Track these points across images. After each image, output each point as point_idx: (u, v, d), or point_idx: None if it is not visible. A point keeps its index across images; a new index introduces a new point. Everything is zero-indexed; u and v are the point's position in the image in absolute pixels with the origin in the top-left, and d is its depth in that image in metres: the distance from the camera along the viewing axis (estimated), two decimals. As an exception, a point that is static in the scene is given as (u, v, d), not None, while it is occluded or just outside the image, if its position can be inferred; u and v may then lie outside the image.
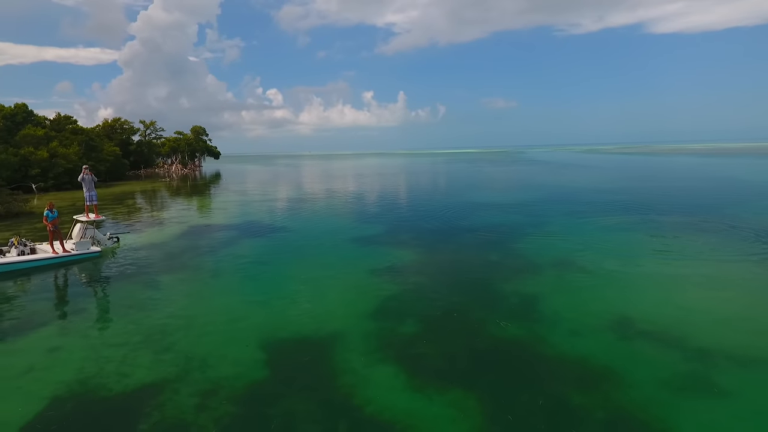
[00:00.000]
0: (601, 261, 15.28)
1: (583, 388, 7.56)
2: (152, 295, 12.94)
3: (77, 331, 10.64)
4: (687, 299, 11.72)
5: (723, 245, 17.11)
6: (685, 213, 24.43)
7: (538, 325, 10.15)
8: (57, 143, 51.35)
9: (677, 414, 6.83)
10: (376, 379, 8.12)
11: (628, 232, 19.92)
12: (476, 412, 7.01)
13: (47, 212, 15.71)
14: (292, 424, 6.94)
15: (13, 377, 8.52)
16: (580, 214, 24.96)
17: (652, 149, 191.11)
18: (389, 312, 11.33)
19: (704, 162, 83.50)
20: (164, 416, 7.16)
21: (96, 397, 7.77)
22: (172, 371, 8.56)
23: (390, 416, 7.01)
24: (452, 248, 17.99)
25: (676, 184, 43.11)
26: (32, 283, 14.39)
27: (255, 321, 10.99)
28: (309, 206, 32.20)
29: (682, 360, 8.36)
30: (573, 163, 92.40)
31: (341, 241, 19.82)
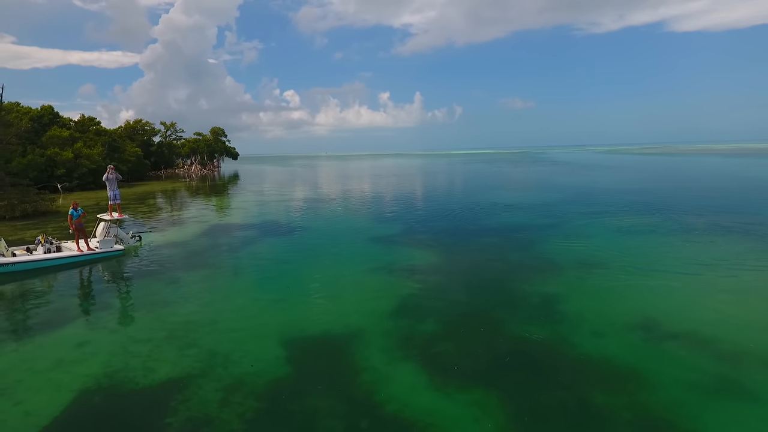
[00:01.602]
0: (623, 262, 15.00)
1: (607, 388, 7.44)
2: (175, 293, 13.16)
3: (104, 326, 10.89)
4: (714, 302, 11.41)
5: (752, 248, 16.64)
6: (710, 214, 23.79)
7: (560, 325, 10.02)
8: (81, 144, 52.62)
9: (705, 416, 6.67)
10: (397, 377, 8.12)
11: (652, 234, 19.51)
12: (498, 412, 6.95)
13: (72, 211, 16.11)
14: (315, 420, 6.98)
15: (43, 370, 8.76)
16: (603, 215, 24.52)
17: (675, 149, 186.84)
18: (408, 311, 11.32)
19: (730, 162, 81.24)
20: (189, 411, 7.27)
21: (123, 390, 7.94)
22: (197, 367, 8.69)
23: (411, 414, 7.00)
24: (471, 248, 17.88)
25: (701, 185, 42.08)
26: (59, 281, 14.77)
27: (276, 318, 11.09)
28: (326, 206, 32.37)
29: (710, 362, 8.16)
30: (594, 163, 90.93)
31: (360, 240, 19.87)
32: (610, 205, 28.67)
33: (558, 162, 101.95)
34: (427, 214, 26.70)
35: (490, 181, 55.87)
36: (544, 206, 28.93)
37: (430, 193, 41.52)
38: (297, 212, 29.39)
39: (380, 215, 27.20)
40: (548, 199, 32.66)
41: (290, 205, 33.48)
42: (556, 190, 40.23)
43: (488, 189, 44.23)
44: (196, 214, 29.61)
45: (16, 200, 27.49)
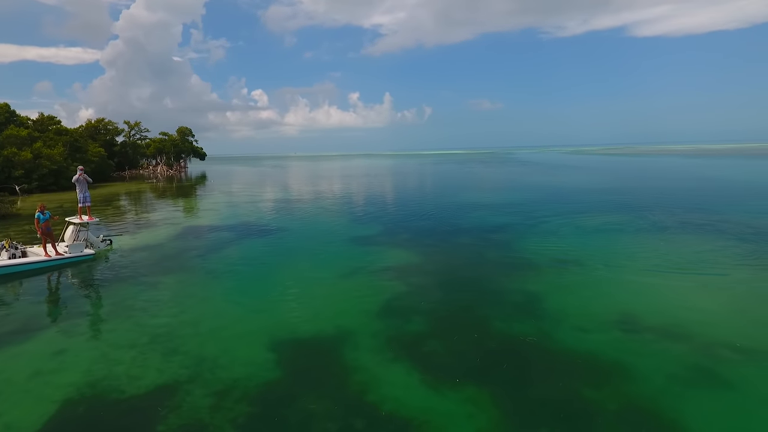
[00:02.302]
0: (597, 260, 15.58)
1: (593, 381, 7.75)
2: (153, 297, 12.81)
3: (80, 333, 10.51)
4: (685, 296, 12.02)
5: (718, 244, 17.56)
6: (676, 212, 24.95)
7: (543, 322, 10.34)
8: (41, 144, 50.30)
9: (686, 404, 7.05)
10: (389, 378, 8.20)
11: (622, 232, 20.31)
12: (491, 408, 7.14)
13: (38, 214, 15.44)
14: (310, 422, 6.98)
15: (20, 381, 8.39)
16: (575, 214, 25.34)
17: (638, 150, 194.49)
18: (394, 311, 11.42)
19: (689, 163, 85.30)
20: (180, 418, 7.13)
21: (109, 399, 7.70)
22: (184, 373, 8.52)
23: (407, 413, 7.09)
24: (450, 248, 18.15)
25: (664, 184, 44.03)
26: (27, 287, 14.14)
27: (259, 322, 10.98)
28: (300, 207, 32.12)
29: (687, 353, 8.63)
30: (562, 164, 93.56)
31: (338, 241, 19.84)
32: (581, 204, 29.65)
33: (527, 162, 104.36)
34: (404, 215, 26.89)
35: (462, 181, 56.69)
36: (517, 206, 29.62)
37: (406, 194, 41.80)
38: (271, 214, 29.04)
39: (357, 216, 27.21)
40: (521, 199, 33.45)
41: (263, 207, 33.03)
42: (527, 190, 41.23)
43: (462, 189, 44.90)
44: (166, 216, 28.81)
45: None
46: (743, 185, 40.68)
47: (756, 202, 28.86)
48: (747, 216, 23.08)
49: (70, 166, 52.32)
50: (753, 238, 18.10)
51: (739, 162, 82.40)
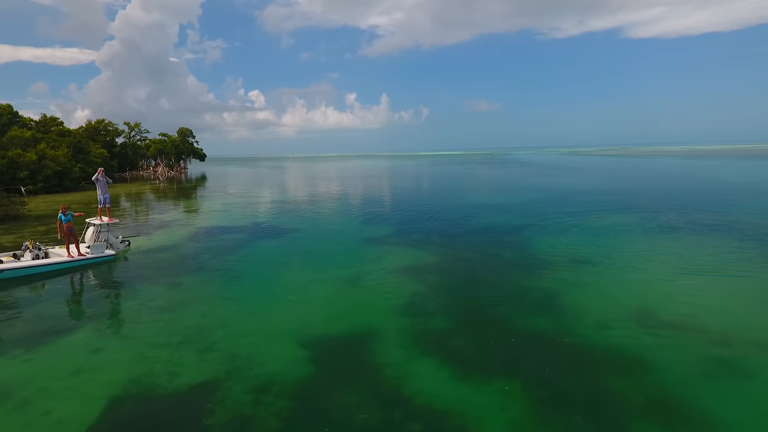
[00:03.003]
0: (610, 258, 15.99)
1: (617, 373, 8.15)
2: (179, 297, 13.15)
3: (114, 333, 10.83)
4: (700, 292, 12.41)
5: (728, 242, 18.00)
6: (684, 212, 25.44)
7: (563, 318, 10.73)
8: (45, 145, 50.44)
9: (707, 394, 7.45)
10: (420, 372, 8.56)
11: (632, 231, 20.73)
12: (522, 399, 7.50)
13: (60, 215, 15.73)
14: (350, 414, 7.32)
15: (63, 379, 8.70)
16: (581, 214, 25.78)
17: (633, 151, 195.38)
18: (416, 309, 11.79)
19: (686, 164, 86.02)
20: (226, 411, 7.47)
21: (154, 395, 8.03)
22: (221, 369, 8.86)
23: (441, 405, 7.45)
24: (462, 248, 18.52)
25: (667, 185, 44.58)
26: (53, 288, 14.42)
27: (287, 320, 11.32)
28: (309, 208, 32.44)
29: (705, 346, 9.07)
30: (561, 165, 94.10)
31: (352, 242, 20.20)
32: (587, 204, 30.11)
33: (526, 163, 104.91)
34: (413, 216, 27.26)
35: (465, 182, 57.11)
36: (524, 206, 30.05)
37: (411, 195, 42.18)
38: (280, 215, 29.36)
39: (366, 217, 27.56)
40: (527, 200, 33.88)
41: (271, 208, 33.35)
42: (531, 191, 41.67)
43: (466, 190, 45.31)
44: (177, 218, 29.10)
45: (-17, 205, 26.32)
46: (740, 186, 41.25)
47: (755, 202, 29.37)
48: (750, 215, 23.56)
49: (74, 167, 52.52)
50: (757, 236, 18.55)
51: (734, 163, 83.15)
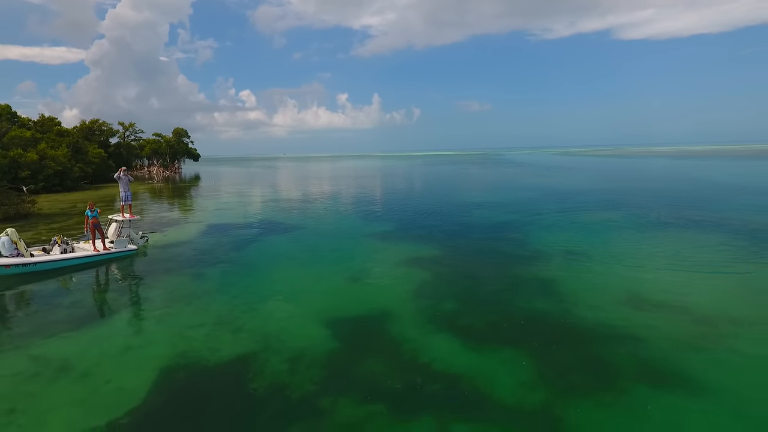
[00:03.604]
0: (602, 251, 17.23)
1: (610, 347, 9.29)
2: (204, 286, 14.11)
3: (151, 317, 11.76)
4: (686, 279, 13.64)
5: (711, 235, 19.31)
6: (671, 209, 26.82)
7: (560, 302, 11.89)
8: (45, 145, 50.84)
9: (692, 364, 8.60)
10: (435, 345, 9.64)
11: (622, 226, 22.04)
12: (528, 366, 8.61)
13: (87, 211, 16.59)
14: (377, 380, 8.37)
15: (115, 355, 9.66)
16: (574, 211, 27.13)
17: (625, 152, 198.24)
18: (426, 294, 12.87)
19: (676, 164, 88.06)
20: (265, 379, 8.48)
21: (199, 366, 9.02)
22: (255, 345, 9.86)
23: (456, 371, 8.53)
24: (463, 242, 19.64)
25: (655, 185, 46.14)
26: (83, 278, 15.29)
27: (307, 304, 12.31)
28: (310, 207, 33.42)
29: (690, 325, 10.30)
30: (553, 165, 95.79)
31: (357, 237, 21.25)
32: (579, 202, 31.46)
33: (520, 163, 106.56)
34: (412, 213, 28.37)
35: (460, 182, 58.35)
36: (519, 204, 31.30)
37: (408, 194, 43.33)
38: (283, 213, 30.30)
39: (367, 214, 28.61)
40: (522, 198, 35.14)
41: (274, 206, 34.26)
42: (526, 189, 43.00)
43: (462, 190, 46.53)
44: (184, 216, 29.94)
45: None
46: (727, 185, 42.89)
47: (740, 199, 30.88)
48: (734, 212, 24.98)
49: (74, 167, 52.98)
50: (741, 230, 19.90)
51: (723, 163, 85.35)
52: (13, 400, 7.91)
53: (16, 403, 7.83)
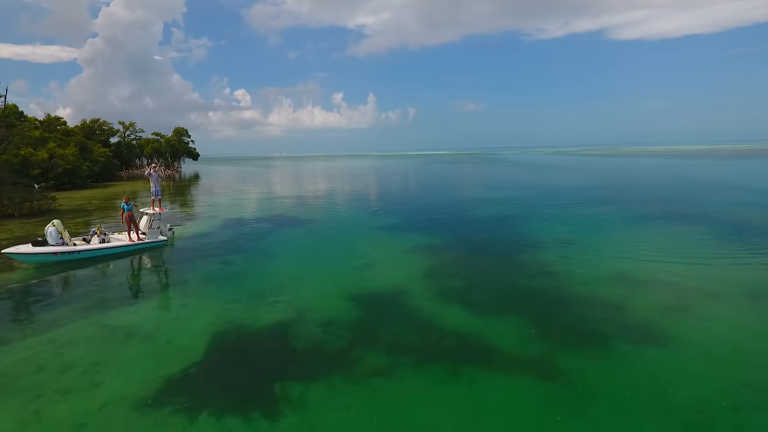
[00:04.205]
0: (592, 238, 19.02)
1: (599, 312, 10.99)
2: (234, 270, 15.69)
3: (192, 295, 13.29)
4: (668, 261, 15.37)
5: (691, 226, 21.13)
6: (656, 204, 28.72)
7: (556, 279, 13.60)
8: (53, 144, 52.09)
9: (669, 323, 10.32)
10: (447, 312, 11.29)
11: (612, 218, 23.84)
12: (530, 327, 10.24)
13: (123, 205, 18.11)
14: (399, 337, 9.99)
15: (168, 322, 11.25)
16: (568, 206, 28.97)
17: (616, 151, 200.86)
18: (434, 275, 14.54)
19: (666, 163, 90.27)
20: (304, 339, 10.09)
21: (245, 330, 10.62)
22: (290, 316, 11.44)
23: (467, 331, 10.17)
24: (465, 233, 21.32)
25: (644, 182, 48.14)
26: (122, 265, 16.77)
27: (329, 284, 13.86)
28: (317, 203, 35.02)
29: (665, 297, 12.04)
30: (547, 164, 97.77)
31: (367, 229, 22.89)
32: (573, 198, 33.33)
33: (514, 163, 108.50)
34: (415, 209, 30.04)
35: (458, 180, 60.08)
36: (516, 200, 33.11)
37: (409, 191, 45.08)
38: (293, 208, 31.87)
39: (373, 210, 30.27)
40: (518, 195, 36.92)
41: (282, 203, 35.83)
42: (522, 187, 44.83)
43: (460, 187, 48.30)
44: (199, 211, 31.45)
45: (19, 198, 28.41)
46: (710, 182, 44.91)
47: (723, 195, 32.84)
48: (714, 207, 26.89)
49: (82, 166, 54.28)
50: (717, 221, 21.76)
51: (710, 162, 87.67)
52: (94, 356, 9.48)
53: (97, 358, 9.40)
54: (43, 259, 16.17)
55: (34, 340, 10.27)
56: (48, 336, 10.46)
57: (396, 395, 7.83)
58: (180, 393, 7.99)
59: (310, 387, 8.08)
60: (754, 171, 61.65)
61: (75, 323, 11.21)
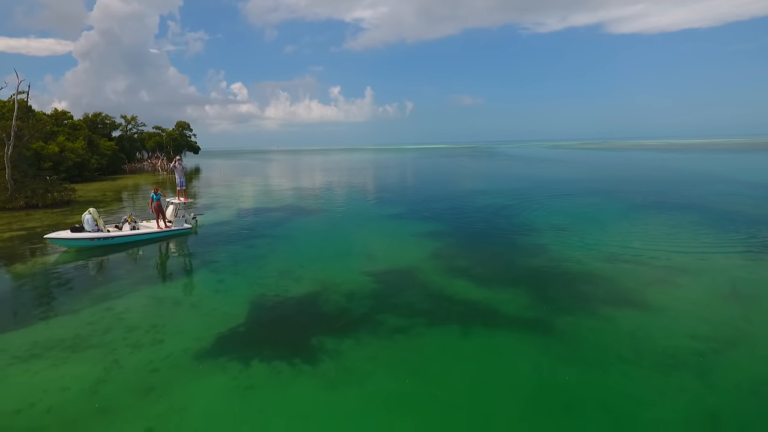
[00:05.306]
0: (586, 224, 20.56)
1: (589, 285, 12.57)
2: (258, 252, 17.17)
3: (225, 272, 14.77)
4: (655, 243, 16.94)
5: (679, 213, 22.72)
6: (648, 195, 30.36)
7: (552, 259, 15.15)
8: (63, 138, 53.28)
9: (651, 292, 11.90)
10: (455, 284, 12.82)
11: (605, 207, 25.45)
12: (526, 297, 11.78)
13: (153, 195, 19.55)
14: (414, 304, 11.50)
15: (209, 294, 12.72)
16: (565, 196, 30.65)
17: (613, 145, 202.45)
18: (441, 255, 16.06)
19: (661, 156, 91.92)
20: (330, 305, 11.61)
21: (278, 299, 12.10)
22: (315, 287, 12.93)
23: (473, 299, 11.71)
24: (468, 221, 22.84)
25: (639, 175, 49.72)
26: (152, 250, 18.24)
27: (347, 262, 15.37)
28: (325, 194, 36.52)
29: (649, 271, 13.68)
30: (544, 157, 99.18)
31: (375, 217, 24.40)
32: (569, 189, 34.93)
33: (513, 156, 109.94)
34: (419, 199, 31.59)
35: (458, 173, 61.56)
36: (515, 191, 34.67)
37: (412, 183, 46.61)
38: (302, 199, 33.33)
39: (379, 200, 31.79)
40: (516, 187, 38.47)
41: (291, 194, 37.27)
42: (520, 179, 46.37)
43: (461, 179, 49.79)
44: (213, 202, 32.86)
45: (41, 190, 29.78)
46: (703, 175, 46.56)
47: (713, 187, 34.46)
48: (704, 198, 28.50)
49: (91, 159, 55.54)
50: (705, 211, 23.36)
51: (704, 156, 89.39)
52: (152, 320, 10.95)
53: (154, 321, 10.88)
54: (81, 244, 17.61)
55: (95, 308, 11.75)
56: (106, 305, 11.94)
57: (414, 346, 9.35)
58: (232, 346, 9.50)
59: (341, 341, 9.59)
60: (746, 164, 63.39)
61: (127, 296, 12.69)
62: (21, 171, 30.52)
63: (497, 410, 7.17)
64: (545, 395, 7.49)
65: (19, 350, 9.44)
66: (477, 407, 7.25)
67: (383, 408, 7.33)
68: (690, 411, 7.02)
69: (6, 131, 30.04)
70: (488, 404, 7.33)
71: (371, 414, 7.20)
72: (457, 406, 7.28)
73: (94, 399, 7.64)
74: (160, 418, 7.08)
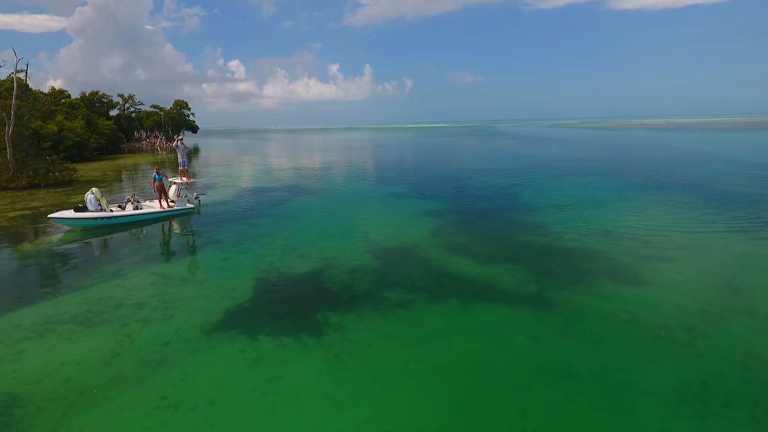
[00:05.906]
0: (584, 204, 20.79)
1: (586, 260, 12.85)
2: (261, 231, 17.41)
3: (230, 250, 15.03)
4: (649, 220, 17.21)
5: (674, 192, 22.92)
6: (645, 174, 30.51)
7: (550, 236, 15.43)
8: (62, 117, 52.98)
9: (644, 269, 12.17)
10: (455, 261, 13.09)
11: (603, 186, 25.64)
12: (523, 272, 12.08)
13: (155, 174, 19.67)
14: (416, 280, 11.78)
15: (216, 270, 13.00)
16: (565, 176, 30.78)
17: (614, 124, 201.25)
18: (442, 233, 16.32)
19: (661, 135, 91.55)
20: (334, 281, 11.88)
21: (283, 276, 12.39)
22: (319, 264, 13.22)
23: (472, 273, 12.00)
24: (469, 199, 23.04)
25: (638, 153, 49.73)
26: (155, 230, 18.49)
27: (349, 239, 15.65)
28: (326, 173, 36.61)
29: (643, 248, 13.92)
30: (545, 137, 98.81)
31: (377, 196, 24.62)
32: (569, 168, 35.03)
33: (514, 135, 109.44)
34: (420, 178, 31.74)
35: (459, 152, 61.47)
36: (515, 170, 34.83)
37: (413, 162, 46.64)
38: (304, 178, 33.45)
39: (381, 179, 31.92)
40: (517, 165, 38.59)
41: (292, 173, 37.34)
42: (521, 158, 46.41)
43: (462, 158, 49.83)
44: (214, 182, 32.97)
45: (43, 169, 29.86)
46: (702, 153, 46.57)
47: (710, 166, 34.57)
48: (701, 176, 28.65)
49: (90, 138, 55.35)
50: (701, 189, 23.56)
51: (704, 135, 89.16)
52: (161, 297, 11.24)
53: (164, 297, 11.17)
54: (84, 224, 17.83)
55: (105, 285, 12.04)
56: (115, 282, 12.23)
57: (416, 320, 9.66)
58: (239, 320, 9.81)
59: (345, 315, 9.89)
60: (746, 144, 63.23)
61: (135, 273, 12.97)
62: (22, 150, 30.54)
63: (495, 380, 7.50)
64: (542, 365, 7.81)
65: (34, 325, 9.75)
66: (476, 377, 7.58)
67: (386, 378, 7.66)
68: (680, 379, 7.35)
69: (6, 110, 29.92)
70: (486, 374, 7.66)
71: (374, 383, 7.53)
72: (457, 377, 7.61)
73: (109, 370, 7.96)
74: (173, 387, 7.41)
